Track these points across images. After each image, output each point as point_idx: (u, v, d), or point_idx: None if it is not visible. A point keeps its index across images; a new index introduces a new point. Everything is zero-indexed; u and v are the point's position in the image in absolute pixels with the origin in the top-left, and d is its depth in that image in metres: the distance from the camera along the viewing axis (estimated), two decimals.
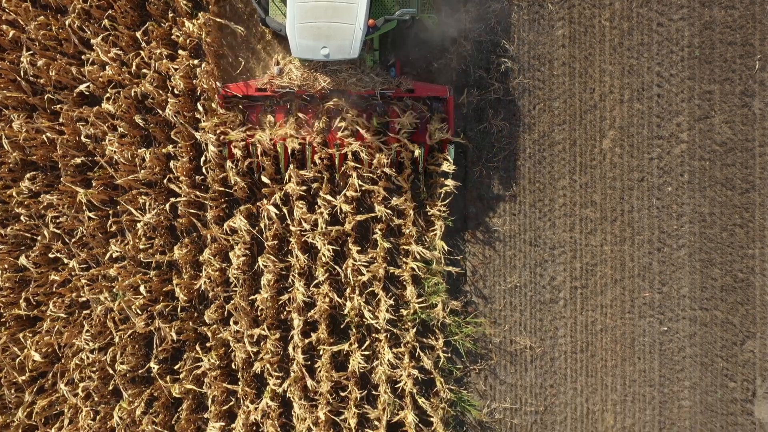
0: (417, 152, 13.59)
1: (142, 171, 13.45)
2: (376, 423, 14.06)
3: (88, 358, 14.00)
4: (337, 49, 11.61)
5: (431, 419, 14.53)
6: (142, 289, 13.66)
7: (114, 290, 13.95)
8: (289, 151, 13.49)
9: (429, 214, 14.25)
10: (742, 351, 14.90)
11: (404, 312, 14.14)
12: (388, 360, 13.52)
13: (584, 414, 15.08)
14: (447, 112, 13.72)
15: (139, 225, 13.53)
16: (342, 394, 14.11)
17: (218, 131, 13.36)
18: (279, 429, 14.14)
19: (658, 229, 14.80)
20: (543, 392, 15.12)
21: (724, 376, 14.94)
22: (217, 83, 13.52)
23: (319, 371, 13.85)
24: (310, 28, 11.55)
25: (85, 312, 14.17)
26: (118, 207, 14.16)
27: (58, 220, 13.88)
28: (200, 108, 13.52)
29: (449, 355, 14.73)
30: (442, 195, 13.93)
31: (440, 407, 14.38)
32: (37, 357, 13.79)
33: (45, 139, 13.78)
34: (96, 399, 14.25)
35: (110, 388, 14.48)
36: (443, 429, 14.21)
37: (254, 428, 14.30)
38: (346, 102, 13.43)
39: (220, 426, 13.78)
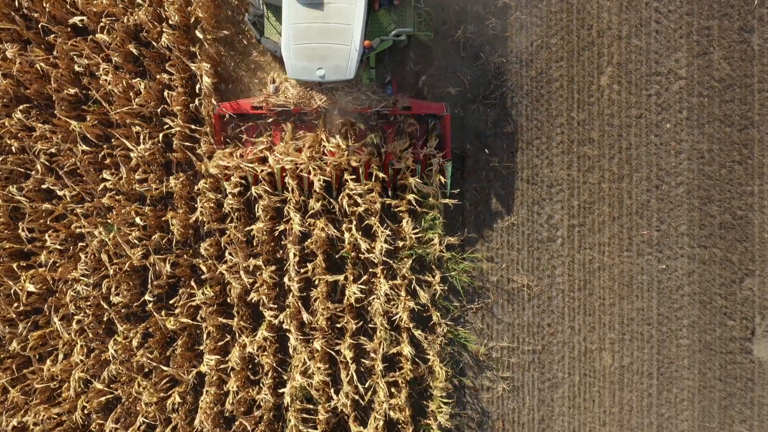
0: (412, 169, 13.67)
1: (137, 99, 13.33)
2: (373, 355, 13.96)
3: (82, 291, 13.87)
4: (332, 70, 11.61)
5: (428, 356, 14.44)
6: (138, 220, 13.55)
7: (109, 222, 13.82)
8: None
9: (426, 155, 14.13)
10: (741, 289, 14.80)
11: (401, 244, 14.02)
12: (385, 292, 13.41)
13: (582, 353, 14.99)
14: (444, 129, 13.62)
15: (132, 155, 13.42)
16: (338, 325, 13.99)
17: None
18: (274, 363, 14.03)
19: (657, 166, 14.71)
20: (541, 331, 15.02)
21: (723, 315, 14.84)
22: (213, 101, 13.46)
23: (315, 302, 13.75)
24: (305, 49, 11.55)
25: (80, 244, 14.03)
26: (113, 141, 14.05)
27: (50, 152, 13.73)
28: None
29: (446, 292, 14.61)
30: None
31: (436, 342, 14.28)
32: (31, 288, 13.68)
33: (39, 69, 13.67)
34: (90, 335, 14.14)
35: (104, 326, 14.37)
36: (439, 364, 14.11)
37: (249, 362, 14.19)
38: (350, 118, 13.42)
39: (215, 359, 13.66)
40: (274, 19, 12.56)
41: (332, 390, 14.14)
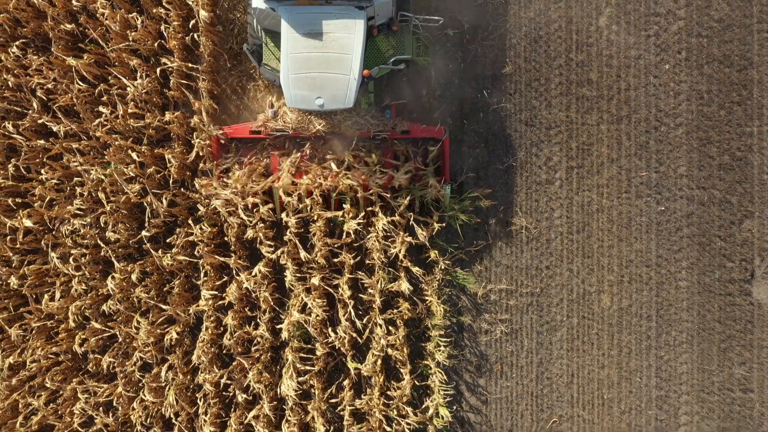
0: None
1: (134, 34, 13.30)
2: (371, 291, 13.91)
3: (79, 228, 13.84)
4: (331, 99, 11.63)
5: (426, 297, 14.40)
6: (134, 156, 13.52)
7: (106, 160, 13.79)
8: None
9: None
10: (740, 230, 14.75)
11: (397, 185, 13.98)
12: (383, 227, 13.37)
13: (580, 295, 14.94)
14: (443, 152, 13.62)
15: (129, 90, 13.38)
16: (336, 260, 13.94)
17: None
18: (272, 302, 14.00)
19: (655, 107, 14.65)
20: (539, 274, 14.97)
21: (722, 256, 14.79)
22: (211, 126, 13.48)
23: (313, 235, 13.71)
24: (304, 78, 11.55)
25: (77, 179, 13.99)
26: (110, 80, 14.01)
27: (46, 87, 13.69)
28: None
29: (444, 231, 14.55)
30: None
31: (435, 280, 14.23)
32: (28, 223, 13.66)
33: (36, 4, 13.64)
34: (87, 274, 14.11)
35: (101, 267, 14.34)
36: (437, 301, 14.06)
37: (247, 302, 14.16)
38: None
39: (212, 294, 13.64)
40: (273, 45, 12.56)
41: (330, 330, 14.10)
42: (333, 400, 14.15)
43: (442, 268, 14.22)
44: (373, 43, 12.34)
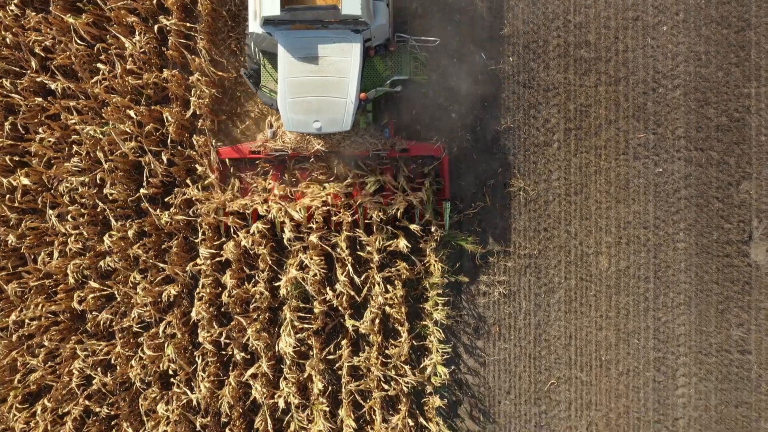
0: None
1: None
2: (369, 249, 13.92)
3: (76, 185, 13.85)
4: (329, 122, 11.72)
5: (424, 257, 14.41)
6: (132, 114, 13.53)
7: (103, 119, 13.81)
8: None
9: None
10: (738, 192, 14.76)
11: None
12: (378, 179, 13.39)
13: (578, 257, 14.95)
14: (442, 170, 13.67)
15: (128, 46, 13.39)
16: (333, 219, 13.96)
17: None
18: (270, 259, 14.01)
19: (653, 68, 14.66)
20: (537, 236, 14.98)
21: (720, 218, 14.80)
22: (212, 142, 13.61)
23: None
24: (301, 102, 11.63)
25: (74, 137, 14.01)
26: (108, 39, 14.03)
27: (44, 44, 13.70)
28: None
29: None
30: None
31: (433, 239, 14.23)
32: (26, 181, 13.68)
33: None
34: (85, 234, 14.12)
35: (99, 227, 14.35)
36: (435, 258, 14.06)
37: (245, 257, 14.17)
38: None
39: (210, 253, 13.65)
40: (270, 67, 12.61)
41: (328, 288, 14.11)
42: (331, 357, 14.15)
43: (440, 223, 14.18)
44: (370, 63, 12.43)
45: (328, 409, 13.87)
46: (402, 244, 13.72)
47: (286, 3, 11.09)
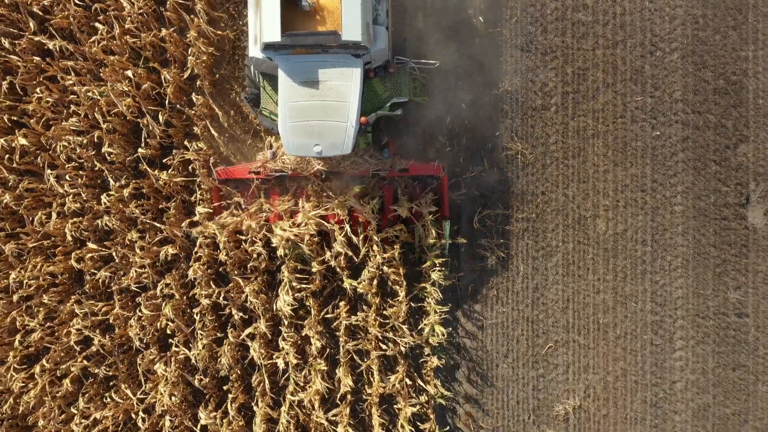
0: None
1: None
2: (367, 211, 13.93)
3: (74, 144, 13.88)
4: (329, 146, 11.75)
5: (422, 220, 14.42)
6: (129, 73, 13.55)
7: (102, 80, 13.83)
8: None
9: None
10: (735, 155, 14.78)
11: None
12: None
13: (576, 220, 14.97)
14: (441, 189, 13.76)
15: (125, 5, 13.41)
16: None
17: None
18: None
19: (651, 32, 14.68)
20: (534, 199, 15.00)
21: (717, 181, 14.82)
22: (210, 162, 13.67)
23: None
24: (302, 126, 11.66)
25: (73, 96, 14.02)
26: (107, 0, 14.05)
27: (42, 4, 13.72)
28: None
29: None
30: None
31: (430, 197, 14.23)
32: (23, 141, 13.70)
33: None
34: (84, 196, 14.14)
35: (98, 188, 14.37)
36: (431, 219, 13.96)
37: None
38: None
39: (206, 211, 13.67)
40: (270, 89, 12.62)
41: (326, 249, 14.14)
42: (329, 316, 14.17)
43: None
44: (369, 85, 12.47)
45: (326, 368, 13.89)
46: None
47: (287, 29, 11.16)
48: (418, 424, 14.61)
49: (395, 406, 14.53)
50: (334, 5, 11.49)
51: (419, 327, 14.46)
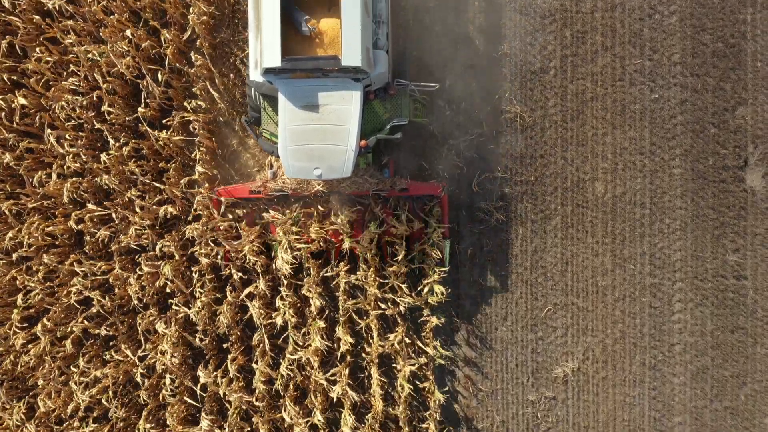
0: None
1: None
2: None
3: (76, 107, 13.92)
4: (329, 170, 11.82)
5: None
6: (128, 33, 13.59)
7: (101, 41, 13.86)
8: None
9: None
10: (734, 118, 14.81)
11: None
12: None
13: (575, 183, 15.00)
14: (441, 208, 13.84)
15: None
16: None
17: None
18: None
19: None
20: (533, 162, 15.03)
21: (716, 144, 14.85)
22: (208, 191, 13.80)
23: None
24: (302, 150, 11.71)
25: (72, 56, 14.06)
26: None
27: None
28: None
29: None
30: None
31: None
32: (23, 101, 13.74)
33: None
34: (83, 156, 14.18)
35: (96, 152, 14.41)
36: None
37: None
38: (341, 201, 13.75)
39: (205, 169, 13.70)
40: (271, 110, 12.65)
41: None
42: (328, 274, 14.21)
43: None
44: (369, 106, 12.51)
45: (324, 327, 13.93)
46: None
47: (287, 53, 11.23)
48: (417, 383, 14.64)
49: (394, 366, 14.57)
50: (334, 30, 11.63)
51: (418, 288, 14.49)
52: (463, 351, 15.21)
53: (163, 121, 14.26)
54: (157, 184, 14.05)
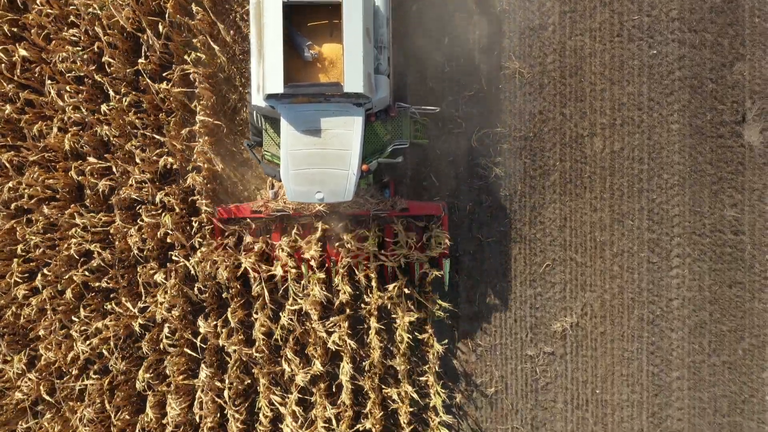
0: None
1: None
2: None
3: (76, 60, 13.97)
4: (331, 194, 11.90)
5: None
6: None
7: None
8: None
9: None
10: (732, 73, 14.88)
11: None
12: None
13: (573, 139, 15.06)
14: (442, 228, 13.92)
15: None
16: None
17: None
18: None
19: None
20: (532, 119, 15.09)
21: (714, 99, 14.92)
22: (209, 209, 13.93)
23: None
24: (304, 174, 11.78)
25: (72, 8, 14.12)
26: None
27: None
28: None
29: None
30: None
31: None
32: (23, 52, 13.79)
33: None
34: (83, 110, 14.23)
35: (96, 106, 14.47)
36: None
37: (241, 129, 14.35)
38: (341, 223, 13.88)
39: (205, 121, 13.76)
40: (272, 131, 12.69)
41: None
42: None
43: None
44: (370, 128, 12.59)
45: (323, 276, 13.99)
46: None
47: (289, 79, 11.31)
48: (416, 334, 14.70)
49: (393, 319, 14.61)
50: (336, 55, 11.70)
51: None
52: (462, 307, 15.26)
53: (163, 74, 14.31)
54: (157, 137, 14.09)
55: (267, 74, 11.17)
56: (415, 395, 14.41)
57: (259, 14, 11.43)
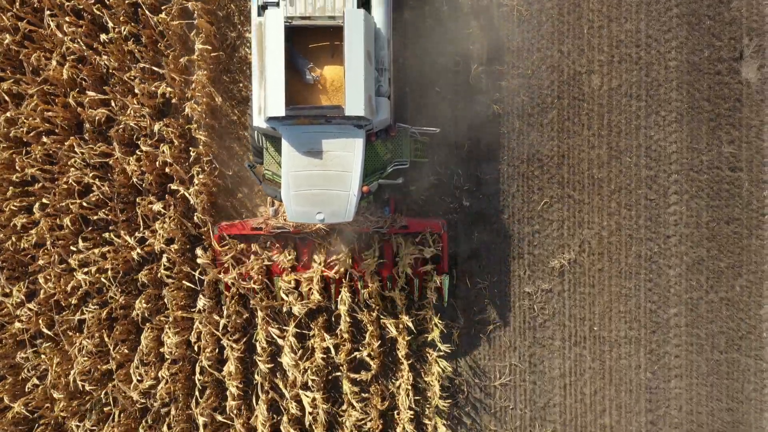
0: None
1: None
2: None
3: None
4: (331, 214, 11.98)
5: None
6: None
7: None
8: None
9: None
10: (729, 10, 14.91)
11: None
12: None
13: (571, 76, 15.10)
14: (441, 246, 14.03)
15: None
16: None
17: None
18: None
19: None
20: (530, 56, 15.12)
21: (711, 36, 14.95)
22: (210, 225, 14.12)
23: None
24: (305, 195, 11.86)
25: None
26: None
27: None
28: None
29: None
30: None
31: None
32: None
33: None
34: (82, 45, 14.27)
35: (95, 45, 14.51)
36: None
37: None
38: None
39: (204, 49, 13.81)
40: (273, 150, 12.75)
41: None
42: None
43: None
44: (371, 147, 12.67)
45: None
46: None
47: (291, 102, 11.37)
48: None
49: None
50: (338, 78, 11.78)
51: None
52: (460, 245, 15.29)
53: (162, 7, 14.36)
54: (156, 69, 14.14)
55: (268, 97, 11.20)
56: (410, 324, 14.45)
57: (261, 36, 11.47)
